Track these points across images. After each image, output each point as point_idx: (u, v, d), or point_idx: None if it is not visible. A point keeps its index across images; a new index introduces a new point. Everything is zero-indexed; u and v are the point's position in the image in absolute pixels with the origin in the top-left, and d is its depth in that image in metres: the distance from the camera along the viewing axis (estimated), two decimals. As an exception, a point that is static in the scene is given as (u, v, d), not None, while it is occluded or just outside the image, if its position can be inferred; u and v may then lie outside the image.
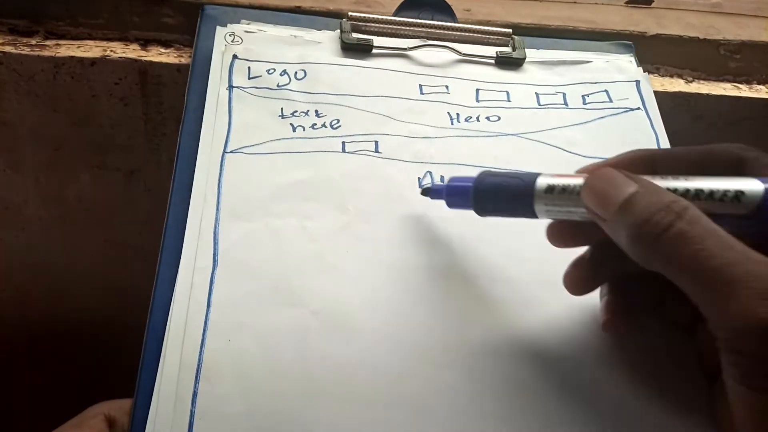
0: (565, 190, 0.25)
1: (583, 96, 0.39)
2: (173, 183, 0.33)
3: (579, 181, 0.25)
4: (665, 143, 0.37)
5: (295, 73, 0.38)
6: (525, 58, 0.41)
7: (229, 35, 0.39)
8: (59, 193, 0.45)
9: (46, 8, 0.42)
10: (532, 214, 0.27)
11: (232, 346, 0.27)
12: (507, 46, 0.41)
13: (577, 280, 0.28)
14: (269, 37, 0.40)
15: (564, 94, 0.39)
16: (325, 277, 0.30)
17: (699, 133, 0.46)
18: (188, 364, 0.27)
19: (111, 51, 0.41)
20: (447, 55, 0.40)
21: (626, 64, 0.42)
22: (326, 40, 0.40)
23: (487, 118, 0.37)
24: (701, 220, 0.21)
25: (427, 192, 0.32)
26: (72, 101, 0.42)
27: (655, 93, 0.40)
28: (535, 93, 0.39)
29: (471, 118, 0.37)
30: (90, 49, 0.41)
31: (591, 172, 0.25)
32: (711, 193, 0.23)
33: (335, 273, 0.30)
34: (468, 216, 0.33)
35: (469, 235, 0.32)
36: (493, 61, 0.41)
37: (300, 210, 0.32)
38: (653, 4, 0.47)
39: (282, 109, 0.36)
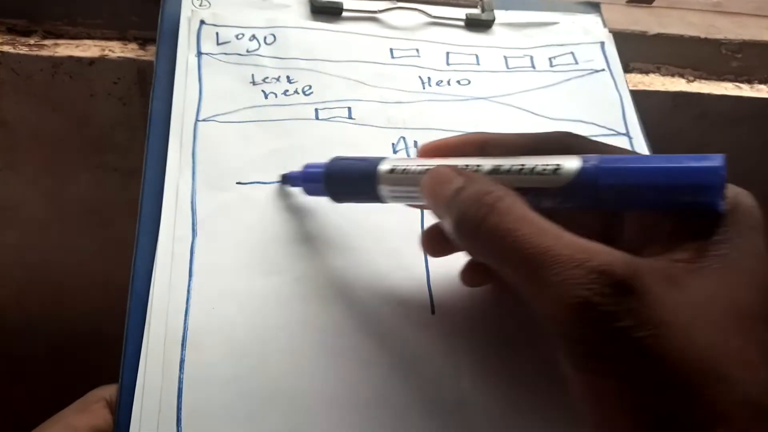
0: (405, 172, 0.25)
1: (550, 58, 0.40)
2: (147, 149, 0.33)
3: (419, 162, 0.25)
4: (629, 104, 0.39)
5: (265, 37, 0.38)
6: (494, 20, 0.41)
7: (196, -1, 0.38)
8: (58, 193, 0.46)
9: (45, 8, 0.41)
10: (378, 198, 0.27)
11: (217, 314, 0.28)
12: (476, 7, 0.41)
13: (433, 245, 0.28)
14: (237, 0, 0.39)
15: (531, 57, 0.40)
16: (304, 246, 0.30)
17: (700, 133, 0.46)
18: (174, 332, 0.27)
19: (109, 50, 0.41)
20: (417, 18, 0.40)
21: (592, 24, 0.43)
22: (294, 2, 0.40)
23: (458, 81, 0.38)
24: (515, 209, 0.21)
25: (285, 180, 0.31)
26: (71, 101, 0.42)
27: (657, 92, 0.40)
28: (504, 56, 0.40)
29: (442, 82, 0.38)
30: (88, 49, 0.41)
31: (426, 159, 0.25)
32: (532, 169, 0.23)
33: (314, 241, 0.31)
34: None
35: None
36: (462, 23, 0.41)
37: (276, 179, 0.32)
38: (654, 4, 0.47)
39: (253, 75, 0.36)
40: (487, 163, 0.24)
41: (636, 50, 0.46)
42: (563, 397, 0.27)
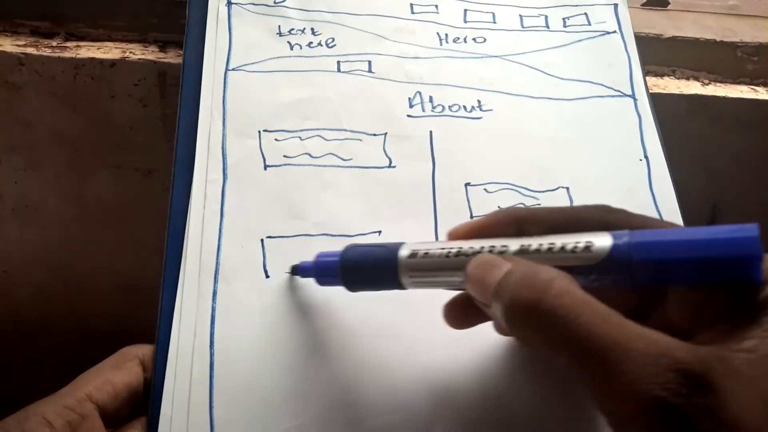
0: (427, 255, 0.25)
1: (563, 19, 0.41)
2: (181, 95, 0.35)
3: (441, 246, 0.25)
4: (637, 66, 0.40)
5: (291, -11, 0.39)
6: (511, -22, 0.42)
7: (226, -52, 0.40)
8: (78, 192, 0.46)
9: (67, 10, 0.42)
10: (399, 285, 0.26)
11: (245, 251, 0.31)
12: (495, -36, 0.42)
13: (455, 318, 0.27)
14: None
15: (546, 17, 0.41)
16: (324, 193, 0.33)
17: (715, 136, 0.46)
18: (207, 266, 0.31)
19: (130, 52, 0.41)
20: (437, -26, 0.42)
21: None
22: (320, -46, 0.41)
23: (474, 39, 0.40)
24: (570, 291, 0.20)
25: (295, 271, 0.30)
26: (91, 102, 0.42)
27: (672, 95, 0.40)
28: (519, 15, 0.41)
29: (459, 39, 0.40)
30: (110, 51, 0.42)
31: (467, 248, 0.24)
32: (562, 247, 0.22)
33: (333, 188, 0.33)
34: (445, 138, 0.36)
35: (448, 150, 0.35)
36: (481, -19, 0.42)
37: (299, 128, 0.35)
38: (669, 6, 0.47)
39: (279, 26, 0.38)
40: (514, 243, 0.23)
41: (651, 53, 0.45)
42: (561, 401, 0.28)
